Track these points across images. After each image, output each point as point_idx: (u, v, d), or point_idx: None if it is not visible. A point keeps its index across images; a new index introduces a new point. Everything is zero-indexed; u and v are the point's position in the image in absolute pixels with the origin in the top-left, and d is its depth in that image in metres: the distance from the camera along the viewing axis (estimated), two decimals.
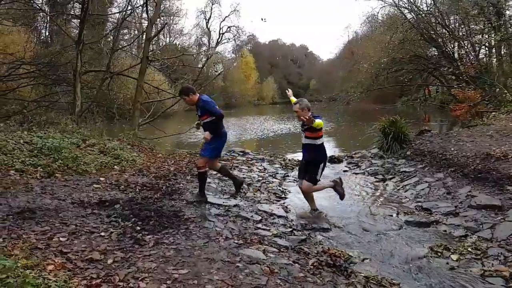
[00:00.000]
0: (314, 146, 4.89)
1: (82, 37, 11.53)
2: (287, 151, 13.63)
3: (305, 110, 4.86)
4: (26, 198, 4.36)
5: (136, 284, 2.72)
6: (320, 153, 4.91)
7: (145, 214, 4.36)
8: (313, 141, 4.87)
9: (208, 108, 5.11)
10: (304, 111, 4.85)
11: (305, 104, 4.90)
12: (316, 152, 4.90)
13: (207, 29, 53.13)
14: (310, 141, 4.88)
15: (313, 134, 4.81)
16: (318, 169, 4.88)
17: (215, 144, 5.21)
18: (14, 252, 2.86)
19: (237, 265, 3.31)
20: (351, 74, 31.90)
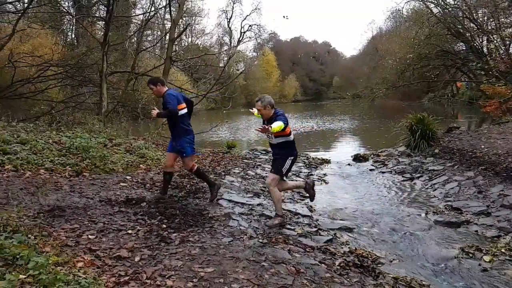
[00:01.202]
0: (287, 142, 4.53)
1: (108, 39, 11.80)
2: (310, 149, 13.51)
3: (267, 108, 4.46)
4: (56, 196, 4.49)
5: (163, 281, 2.75)
6: (290, 148, 4.55)
7: (171, 212, 4.43)
8: (286, 138, 4.51)
9: (166, 99, 4.78)
10: (267, 108, 4.46)
11: (267, 102, 4.47)
12: (288, 148, 4.55)
13: (229, 28, 53.27)
14: (281, 139, 4.49)
15: (282, 132, 4.40)
16: (285, 163, 4.49)
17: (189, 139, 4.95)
18: (46, 249, 2.95)
19: (262, 265, 3.31)
20: (375, 70, 31.35)
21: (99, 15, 19.41)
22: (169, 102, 4.73)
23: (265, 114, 4.49)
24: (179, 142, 4.94)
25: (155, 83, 4.89)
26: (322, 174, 8.57)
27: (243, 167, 8.15)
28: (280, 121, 4.21)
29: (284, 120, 4.27)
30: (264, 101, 4.47)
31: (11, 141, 6.21)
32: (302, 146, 14.75)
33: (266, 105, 4.45)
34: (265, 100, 4.47)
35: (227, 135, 18.58)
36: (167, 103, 4.75)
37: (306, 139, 17.18)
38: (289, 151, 4.55)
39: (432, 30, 20.74)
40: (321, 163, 9.96)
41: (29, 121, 9.85)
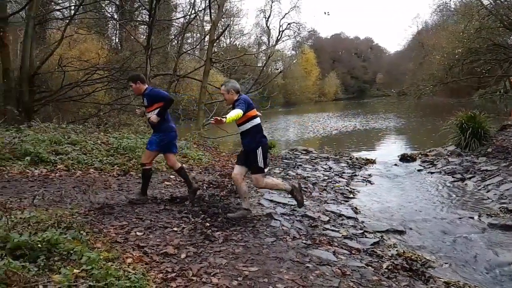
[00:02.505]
0: (247, 131, 4.23)
1: (151, 43, 12.25)
2: (353, 149, 13.24)
3: (231, 92, 4.21)
4: (105, 194, 4.74)
5: (209, 279, 2.81)
6: (254, 138, 4.23)
7: (213, 211, 4.51)
8: (251, 123, 4.21)
9: (156, 93, 4.65)
10: (230, 93, 4.21)
11: (230, 86, 4.24)
12: (250, 138, 4.23)
13: (267, 27, 53.55)
14: (247, 125, 4.20)
15: (244, 117, 4.12)
16: (257, 156, 4.18)
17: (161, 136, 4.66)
18: (97, 245, 3.11)
19: (307, 266, 3.29)
20: (421, 66, 30.18)
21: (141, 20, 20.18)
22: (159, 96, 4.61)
23: (228, 100, 4.27)
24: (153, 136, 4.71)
25: (135, 81, 4.68)
26: (367, 175, 8.37)
27: (283, 167, 8.14)
28: (238, 109, 3.95)
29: (242, 107, 4.00)
30: (227, 85, 4.27)
31: (63, 142, 6.63)
32: (344, 145, 14.51)
33: (229, 89, 4.23)
34: (228, 85, 4.28)
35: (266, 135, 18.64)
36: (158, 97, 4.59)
37: (348, 139, 16.86)
38: (258, 141, 4.21)
39: (483, 23, 19.60)
40: (366, 163, 9.73)
41: (78, 123, 10.46)
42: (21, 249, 2.47)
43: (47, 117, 11.01)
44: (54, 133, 7.02)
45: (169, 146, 4.67)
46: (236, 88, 4.24)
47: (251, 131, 4.21)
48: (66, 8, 18.66)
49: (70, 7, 18.44)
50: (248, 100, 4.19)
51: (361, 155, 11.08)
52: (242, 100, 4.12)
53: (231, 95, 4.21)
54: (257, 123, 4.26)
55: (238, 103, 4.06)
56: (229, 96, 4.22)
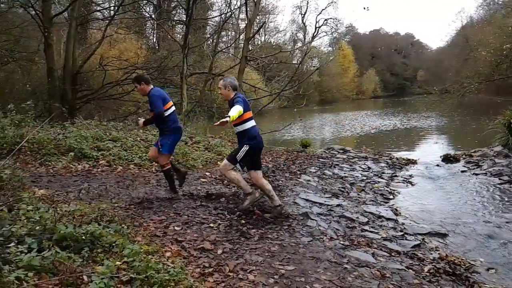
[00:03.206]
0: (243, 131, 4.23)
1: (188, 42, 12.49)
2: (393, 149, 12.89)
3: (228, 88, 4.22)
4: (144, 189, 4.90)
5: (245, 276, 2.84)
6: (247, 137, 4.21)
7: (248, 209, 4.54)
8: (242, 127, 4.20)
9: (152, 101, 4.58)
10: (227, 89, 4.22)
11: (228, 81, 4.24)
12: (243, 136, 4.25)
13: (303, 24, 53.12)
14: (239, 128, 4.22)
15: (239, 119, 4.12)
16: (240, 151, 4.16)
17: (170, 139, 4.71)
18: (137, 238, 3.23)
19: (344, 267, 3.25)
20: (466, 63, 28.91)
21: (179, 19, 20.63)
22: (153, 105, 4.54)
23: (225, 95, 4.29)
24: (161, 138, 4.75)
25: (139, 81, 4.71)
26: (408, 176, 8.12)
27: (319, 166, 8.06)
28: (238, 105, 3.96)
29: (240, 103, 3.99)
30: (225, 81, 4.28)
31: (104, 138, 6.93)
32: (383, 145, 14.16)
33: (226, 85, 4.23)
34: (227, 80, 4.29)
35: (300, 134, 18.53)
36: (152, 105, 4.57)
37: (388, 138, 16.43)
38: (249, 140, 4.20)
39: None
40: (406, 164, 9.45)
41: (118, 120, 10.88)
42: (66, 240, 2.61)
43: (88, 115, 11.53)
44: (96, 130, 7.35)
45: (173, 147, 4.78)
46: (233, 85, 4.26)
47: (245, 133, 4.21)
48: (106, 8, 19.46)
49: (110, 8, 19.20)
50: (245, 101, 4.18)
51: (402, 155, 10.76)
52: (241, 99, 4.12)
53: (227, 90, 4.24)
54: (252, 125, 4.25)
55: (237, 101, 4.06)
56: (225, 91, 4.25)
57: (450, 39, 50.29)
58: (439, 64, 47.33)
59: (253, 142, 4.19)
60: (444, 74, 35.91)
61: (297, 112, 27.17)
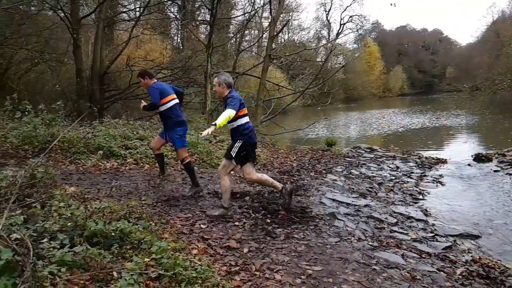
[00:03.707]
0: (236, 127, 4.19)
1: (212, 41, 12.59)
2: (422, 148, 12.57)
3: (222, 85, 4.17)
4: (171, 187, 4.97)
5: (272, 275, 2.83)
6: (239, 134, 4.17)
7: (273, 208, 4.53)
8: (233, 124, 4.17)
9: (150, 92, 4.78)
10: (221, 86, 4.17)
11: (223, 79, 4.19)
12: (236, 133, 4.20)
13: (327, 21, 52.54)
14: (232, 125, 4.19)
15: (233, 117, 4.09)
16: (234, 147, 4.13)
17: (179, 132, 4.86)
18: (164, 235, 3.27)
19: (373, 268, 3.20)
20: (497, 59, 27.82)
21: (203, 19, 20.82)
22: (150, 96, 4.79)
23: (219, 92, 4.25)
24: (170, 134, 4.92)
25: (143, 76, 4.95)
26: (438, 175, 7.89)
27: (345, 165, 7.95)
28: (230, 108, 3.92)
29: (235, 106, 3.96)
30: (220, 78, 4.23)
31: (132, 137, 7.07)
32: (412, 144, 13.84)
33: (221, 82, 4.18)
34: (221, 77, 4.24)
35: (325, 133, 18.34)
36: (150, 95, 4.80)
37: (416, 137, 16.03)
38: (242, 136, 4.16)
39: None
40: (436, 163, 9.19)
41: (145, 119, 11.09)
42: (96, 236, 2.67)
43: (116, 114, 11.82)
44: (123, 129, 7.52)
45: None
46: (228, 82, 4.20)
47: (238, 129, 4.18)
48: (132, 10, 19.87)
49: (136, 9, 19.59)
50: (239, 98, 4.17)
51: (431, 154, 10.48)
52: (235, 97, 4.09)
53: (222, 88, 4.19)
54: (244, 122, 4.20)
55: (231, 101, 4.03)
56: (219, 88, 4.21)
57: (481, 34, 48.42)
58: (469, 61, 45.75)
59: (245, 138, 4.15)
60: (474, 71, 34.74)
61: (321, 111, 26.95)
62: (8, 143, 5.95)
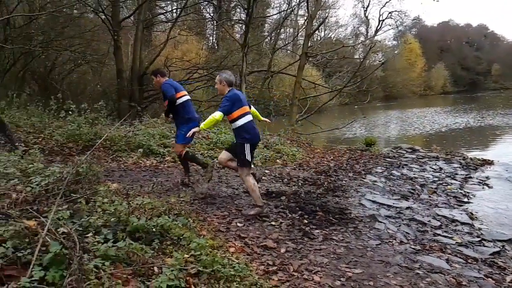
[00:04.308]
0: (237, 129, 4.18)
1: (247, 40, 12.67)
2: (466, 148, 12.01)
3: (223, 83, 4.20)
4: (207, 185, 5.03)
5: (310, 276, 2.80)
6: (242, 135, 4.15)
7: (310, 208, 4.49)
8: (233, 125, 4.18)
9: (164, 90, 4.88)
10: (222, 84, 4.21)
11: (224, 77, 4.22)
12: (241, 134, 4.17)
13: (365, 17, 51.43)
14: (232, 125, 4.21)
15: (229, 117, 4.15)
16: (244, 149, 4.10)
17: (183, 129, 4.83)
18: (202, 232, 3.32)
19: (416, 272, 3.10)
20: None
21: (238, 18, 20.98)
22: (165, 92, 4.87)
23: (220, 90, 4.29)
24: (178, 129, 5.02)
25: (155, 74, 5.11)
26: (484, 177, 7.50)
27: (386, 166, 7.74)
28: (218, 111, 4.01)
29: (223, 108, 4.03)
30: (221, 76, 4.27)
31: (169, 136, 7.24)
32: (456, 144, 13.27)
33: (222, 80, 4.22)
34: (222, 75, 4.27)
35: (363, 132, 17.92)
36: (165, 92, 4.88)
37: (460, 137, 15.34)
38: (243, 137, 4.15)
39: None
40: (482, 164, 8.73)
41: None
42: (138, 232, 2.74)
43: (154, 114, 12.14)
44: (162, 128, 7.72)
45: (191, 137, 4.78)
46: (228, 80, 4.23)
47: (240, 130, 4.17)
48: (169, 11, 20.37)
49: (172, 11, 20.05)
50: (235, 98, 4.13)
51: (476, 155, 9.97)
52: (228, 98, 4.11)
53: (222, 86, 4.23)
54: (243, 123, 4.16)
55: (222, 102, 4.10)
56: (220, 86, 4.25)
57: None
58: None
59: (248, 138, 4.16)
60: None
61: (358, 109, 26.39)
62: (54, 141, 6.28)
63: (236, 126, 4.17)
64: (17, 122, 6.92)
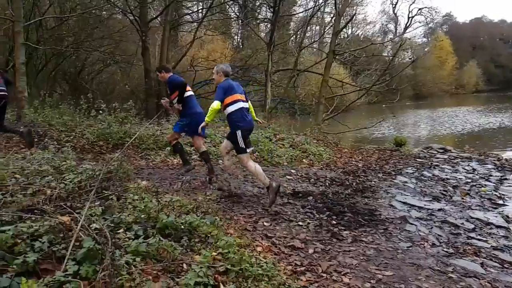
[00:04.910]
0: (227, 116, 4.41)
1: (273, 39, 12.65)
2: (501, 149, 11.56)
3: (219, 73, 4.50)
4: (233, 184, 5.05)
5: (339, 278, 2.76)
6: (232, 122, 4.37)
7: (338, 209, 4.43)
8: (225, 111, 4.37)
9: (172, 80, 5.13)
10: (218, 74, 4.51)
11: (220, 68, 4.54)
12: (229, 121, 4.44)
13: (394, 14, 50.36)
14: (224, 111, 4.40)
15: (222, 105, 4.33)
16: (237, 138, 4.30)
17: (184, 121, 5.08)
18: (229, 231, 3.33)
19: (449, 276, 3.00)
20: None
21: (264, 17, 20.98)
22: (174, 80, 5.12)
23: (216, 80, 4.58)
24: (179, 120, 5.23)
25: (160, 71, 5.36)
26: None
27: (416, 167, 7.55)
28: (213, 103, 4.26)
29: (218, 97, 4.29)
30: (218, 67, 4.59)
31: None
32: (489, 144, 12.82)
33: (218, 70, 4.52)
34: (219, 66, 4.60)
35: (392, 132, 17.55)
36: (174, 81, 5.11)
37: (494, 137, 14.78)
38: (233, 125, 4.36)
39: None
40: None
41: None
42: (167, 229, 2.79)
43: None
44: None
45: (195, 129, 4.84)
46: (224, 71, 4.51)
47: (229, 116, 4.38)
48: (196, 12, 20.60)
49: (198, 11, 20.27)
50: (228, 86, 4.36)
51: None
52: (220, 86, 4.37)
53: (219, 76, 4.51)
54: (235, 109, 4.34)
55: (216, 93, 4.38)
56: (217, 76, 4.54)
57: None
58: None
59: (240, 125, 4.33)
60: None
61: (386, 108, 25.86)
62: (85, 139, 6.47)
63: (227, 112, 4.37)
64: (50, 121, 7.18)
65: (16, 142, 6.10)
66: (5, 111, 5.82)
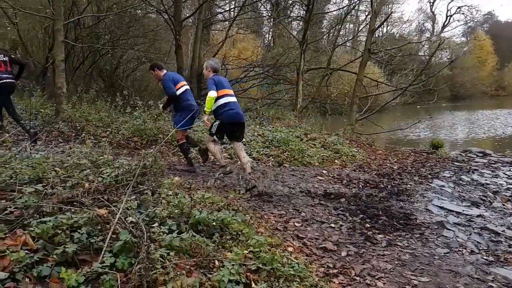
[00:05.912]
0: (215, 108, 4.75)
1: (306, 37, 12.55)
2: None
3: (208, 69, 4.87)
4: (263, 183, 5.05)
5: (373, 282, 2.71)
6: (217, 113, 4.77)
7: (373, 212, 4.35)
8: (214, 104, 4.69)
9: (164, 84, 5.21)
10: (208, 69, 4.88)
11: (209, 63, 4.91)
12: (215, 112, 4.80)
13: (431, 12, 48.78)
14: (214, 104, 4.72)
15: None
16: (213, 125, 4.77)
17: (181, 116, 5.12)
18: (260, 230, 3.34)
19: (489, 285, 2.89)
20: None
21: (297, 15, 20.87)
22: (165, 88, 5.23)
23: (205, 75, 4.97)
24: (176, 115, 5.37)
25: (153, 68, 5.42)
26: None
27: (454, 170, 7.28)
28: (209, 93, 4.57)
29: (209, 89, 4.60)
30: (208, 62, 4.96)
31: None
32: None
33: (208, 66, 4.89)
34: (209, 62, 4.97)
35: (428, 134, 17.01)
36: (165, 89, 5.26)
37: None
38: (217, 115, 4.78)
39: None
40: None
41: None
42: (200, 225, 2.82)
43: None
44: None
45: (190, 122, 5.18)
46: (213, 67, 4.87)
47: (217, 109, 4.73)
48: (228, 10, 20.77)
49: (231, 10, 20.43)
50: (217, 81, 4.70)
51: None
52: (210, 81, 4.68)
53: (208, 71, 4.89)
54: (222, 103, 4.70)
55: (208, 85, 4.68)
56: (206, 72, 4.92)
57: None
58: None
59: (222, 117, 4.71)
60: None
61: (421, 109, 25.10)
62: (120, 135, 6.67)
63: (217, 105, 4.69)
64: (87, 116, 7.44)
65: (54, 136, 6.37)
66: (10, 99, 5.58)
